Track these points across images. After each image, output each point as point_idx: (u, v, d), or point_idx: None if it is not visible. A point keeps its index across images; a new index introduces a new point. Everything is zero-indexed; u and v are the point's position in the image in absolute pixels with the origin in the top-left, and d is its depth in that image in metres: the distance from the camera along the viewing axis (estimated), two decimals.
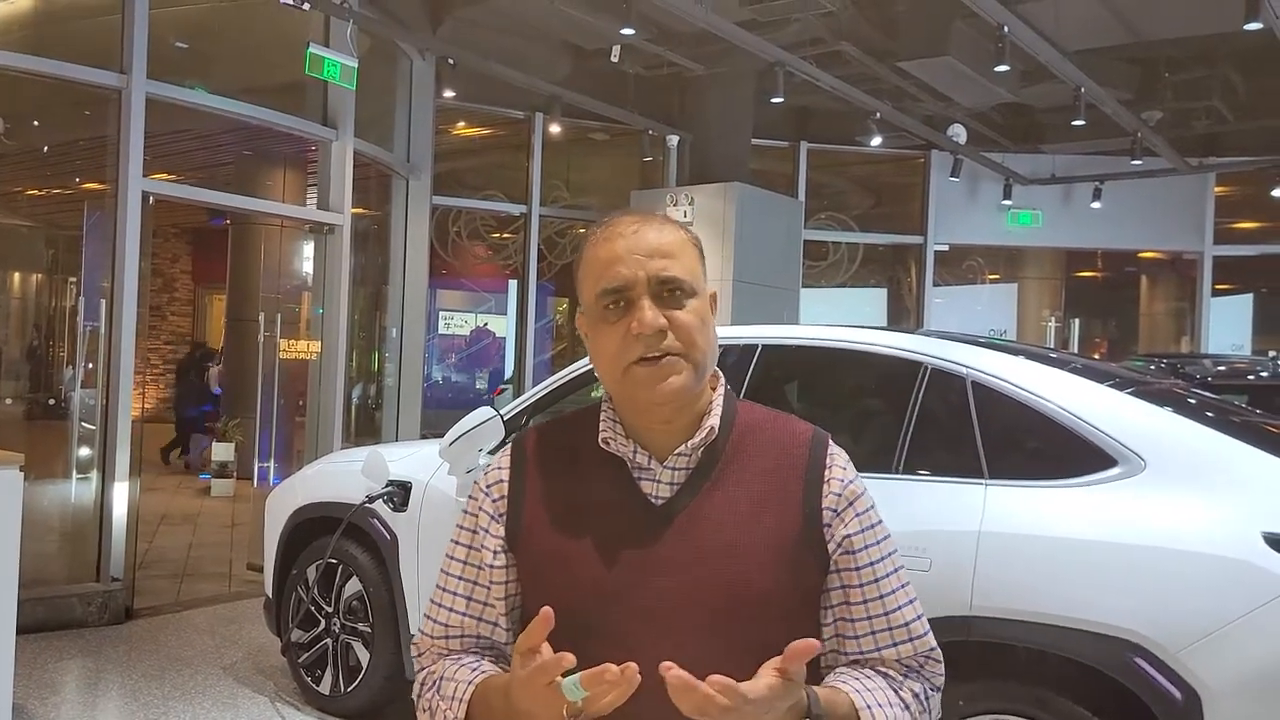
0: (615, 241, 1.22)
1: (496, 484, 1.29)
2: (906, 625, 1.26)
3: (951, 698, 2.74)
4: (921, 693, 1.24)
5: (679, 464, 1.23)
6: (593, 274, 1.22)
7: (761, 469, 1.24)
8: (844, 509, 1.25)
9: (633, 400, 1.22)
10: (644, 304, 1.18)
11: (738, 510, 1.21)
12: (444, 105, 8.46)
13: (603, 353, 1.22)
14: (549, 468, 1.28)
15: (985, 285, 12.30)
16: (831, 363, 3.48)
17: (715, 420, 1.23)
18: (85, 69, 5.54)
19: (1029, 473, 2.82)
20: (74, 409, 6.27)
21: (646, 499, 1.22)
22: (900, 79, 8.29)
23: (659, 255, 1.20)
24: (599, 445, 1.25)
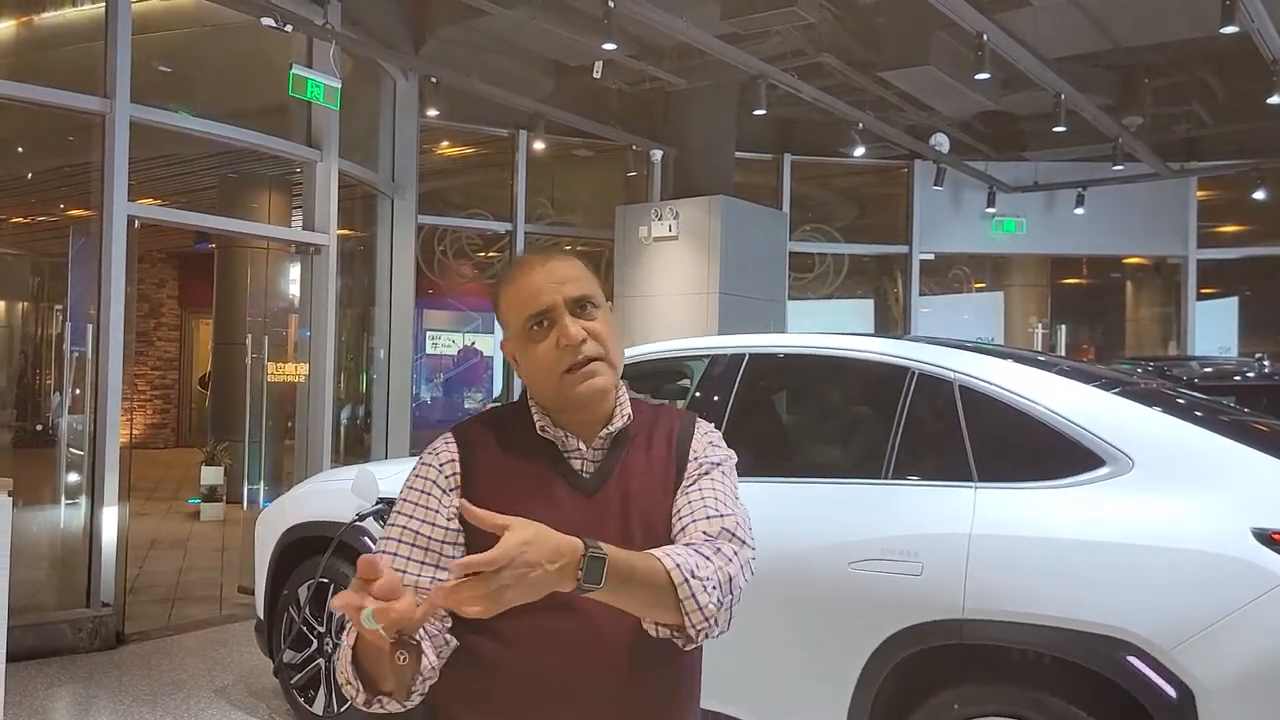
0: (532, 274, 1.50)
1: (449, 462, 1.51)
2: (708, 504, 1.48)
3: (946, 701, 2.75)
4: (726, 549, 1.43)
5: (598, 445, 1.53)
6: (517, 304, 1.50)
7: (653, 444, 1.56)
8: (696, 458, 1.56)
9: (566, 400, 1.49)
10: (566, 320, 1.47)
11: (644, 476, 1.53)
12: (428, 124, 8.48)
13: (537, 367, 1.49)
14: (493, 450, 1.52)
15: (971, 294, 12.36)
16: (819, 370, 3.49)
17: (629, 410, 1.55)
18: (68, 94, 5.54)
19: (1018, 475, 2.82)
20: (62, 435, 6.24)
21: (578, 473, 1.52)
22: (882, 89, 8.35)
23: (569, 280, 1.49)
24: (536, 433, 1.52)
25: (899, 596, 2.80)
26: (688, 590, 1.33)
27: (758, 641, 3.08)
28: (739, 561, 1.44)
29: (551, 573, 1.20)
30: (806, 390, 3.72)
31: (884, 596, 2.83)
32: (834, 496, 3.11)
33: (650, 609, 1.35)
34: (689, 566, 1.35)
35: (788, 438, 3.65)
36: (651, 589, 1.32)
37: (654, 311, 8.35)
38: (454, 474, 1.50)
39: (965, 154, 10.16)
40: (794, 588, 3.00)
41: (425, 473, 1.51)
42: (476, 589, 1.16)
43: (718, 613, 1.36)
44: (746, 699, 3.08)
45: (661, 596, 1.33)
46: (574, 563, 1.23)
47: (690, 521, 1.48)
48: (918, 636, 2.77)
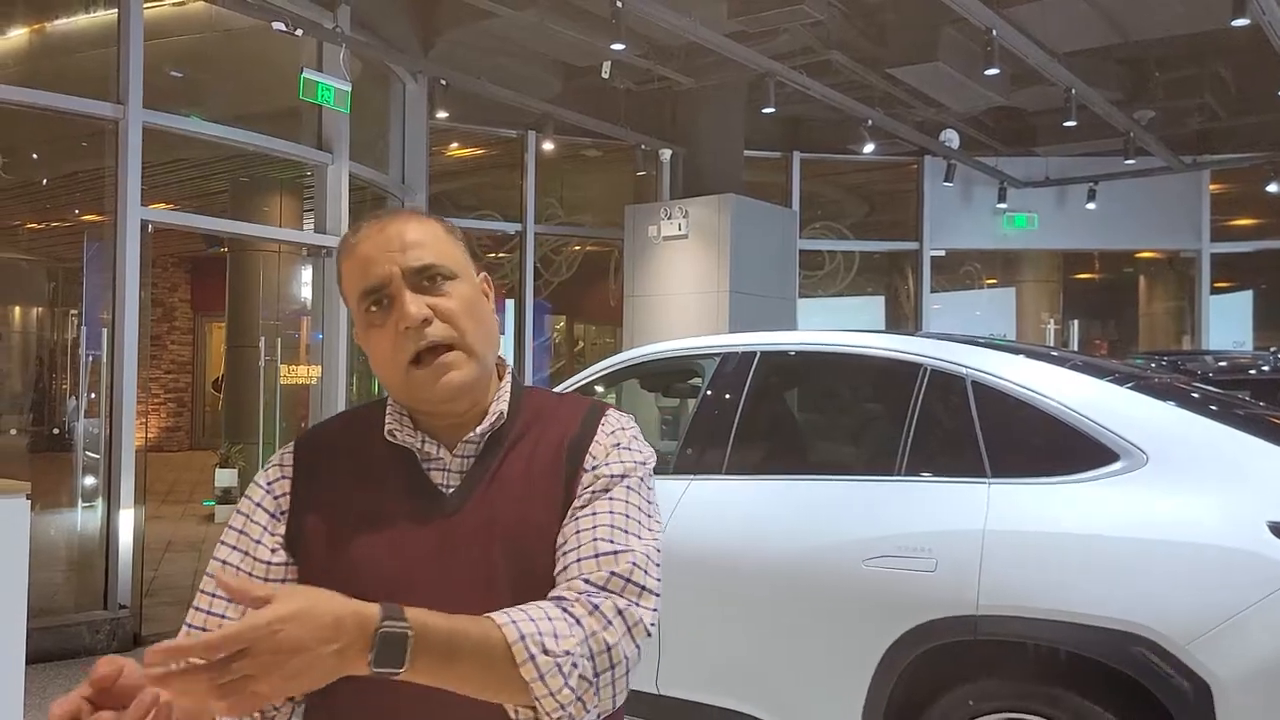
0: (364, 243, 1.20)
1: (278, 480, 1.23)
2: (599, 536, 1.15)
3: (962, 697, 2.75)
4: (608, 606, 1.09)
5: (468, 451, 1.22)
6: (350, 280, 1.21)
7: (538, 448, 1.23)
8: (595, 464, 1.22)
9: (419, 401, 1.20)
10: (405, 297, 1.17)
11: (518, 491, 1.20)
12: (437, 126, 8.50)
13: (380, 360, 1.20)
14: (334, 464, 1.23)
15: (983, 290, 12.32)
16: (831, 367, 3.49)
17: (503, 405, 1.24)
18: (82, 100, 5.58)
19: (1031, 470, 2.82)
20: (78, 439, 6.28)
21: (436, 488, 1.20)
22: (891, 86, 8.34)
23: (411, 247, 1.19)
24: (385, 438, 1.23)
25: (913, 593, 2.80)
26: (534, 671, 1.00)
27: (772, 639, 3.08)
28: (626, 622, 1.09)
29: (327, 656, 0.90)
30: (818, 388, 3.72)
31: (898, 593, 2.83)
32: (847, 494, 3.12)
33: (487, 692, 1.02)
34: (537, 637, 1.02)
35: (800, 435, 3.66)
36: (485, 668, 1.00)
37: (664, 311, 8.36)
38: (283, 494, 1.22)
39: (975, 150, 10.13)
40: (808, 585, 3.01)
41: (252, 493, 1.24)
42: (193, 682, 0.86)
43: (578, 698, 1.03)
44: (762, 696, 3.09)
45: (501, 677, 1.01)
46: (361, 641, 0.92)
47: (575, 560, 1.13)
48: (932, 633, 2.77)
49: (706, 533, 3.26)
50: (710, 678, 3.20)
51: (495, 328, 1.25)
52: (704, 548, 3.24)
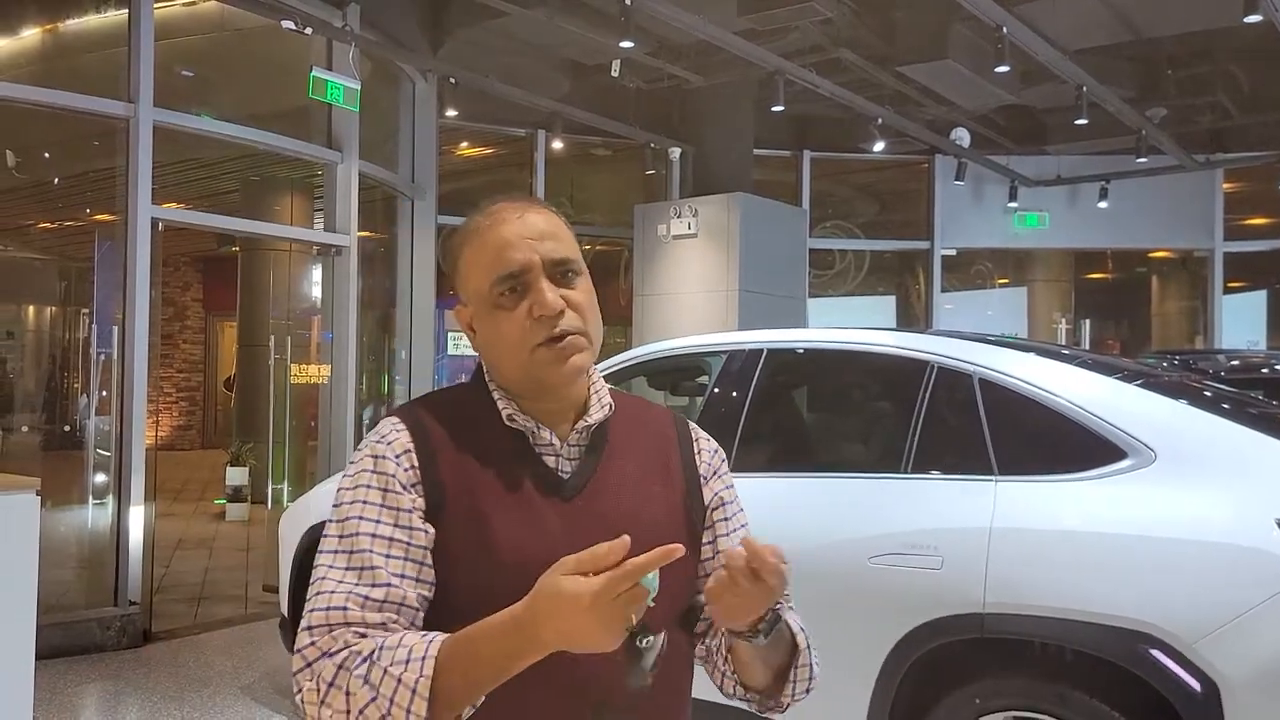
0: (503, 227, 1.23)
1: (405, 453, 1.20)
2: None
3: (968, 695, 2.74)
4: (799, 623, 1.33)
5: (577, 440, 1.27)
6: (483, 262, 1.24)
7: (642, 444, 1.32)
8: (712, 474, 1.37)
9: (538, 382, 1.24)
10: (543, 285, 1.21)
11: (632, 480, 1.28)
12: (447, 125, 8.51)
13: (503, 340, 1.23)
14: (451, 442, 1.23)
15: (994, 289, 12.28)
16: (838, 364, 3.49)
17: (609, 399, 1.30)
18: (93, 99, 5.61)
19: (1038, 468, 2.80)
20: (89, 437, 6.31)
21: (554, 472, 1.25)
22: (901, 84, 8.32)
23: (548, 238, 1.23)
24: (502, 421, 1.25)
25: (919, 591, 2.79)
26: (806, 658, 1.28)
27: None
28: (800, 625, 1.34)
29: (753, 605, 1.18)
30: (825, 385, 3.71)
31: (904, 591, 2.82)
32: (853, 491, 3.11)
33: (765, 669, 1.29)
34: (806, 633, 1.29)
35: (806, 432, 3.65)
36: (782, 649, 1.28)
37: (674, 309, 8.35)
38: (411, 467, 1.20)
39: (986, 148, 10.09)
40: (813, 583, 2.98)
41: (382, 466, 1.19)
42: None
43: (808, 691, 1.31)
44: None
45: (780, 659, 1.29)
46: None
47: None
48: (938, 631, 2.76)
49: None
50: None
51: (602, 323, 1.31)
52: None
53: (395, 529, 1.16)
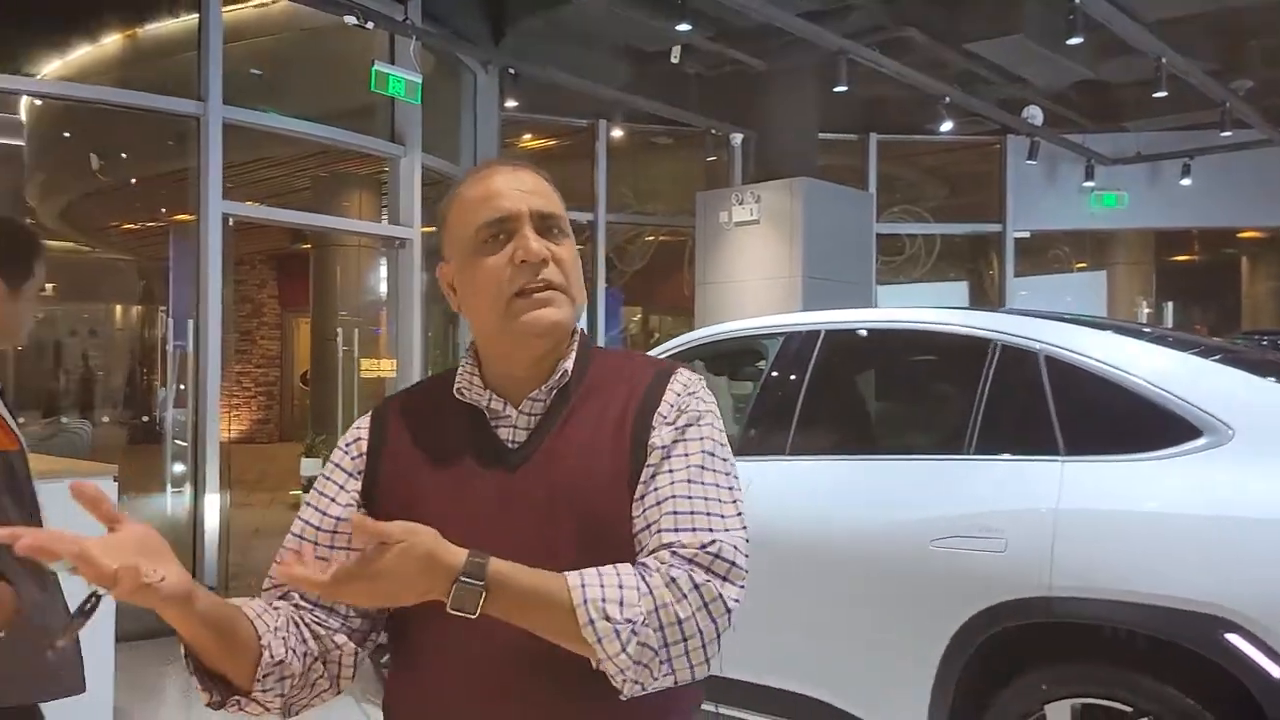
0: (493, 178, 1.24)
1: (355, 441, 1.29)
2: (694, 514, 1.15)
3: (1034, 682, 2.65)
4: (684, 579, 1.09)
5: (534, 409, 1.24)
6: (469, 210, 1.23)
7: (607, 407, 1.24)
8: (662, 422, 1.22)
9: (510, 335, 1.22)
10: (528, 233, 1.21)
11: (581, 447, 1.21)
12: (510, 117, 8.56)
13: (482, 288, 1.21)
14: (408, 424, 1.28)
15: (1072, 274, 11.93)
16: (898, 344, 3.41)
17: (569, 363, 1.25)
18: (165, 99, 5.77)
19: (1107, 447, 2.70)
20: (168, 428, 6.50)
21: (501, 443, 1.23)
22: (969, 62, 8.11)
23: (537, 193, 1.24)
24: (454, 397, 1.26)
25: (982, 574, 2.71)
26: (593, 634, 1.04)
27: (837, 621, 3.02)
28: (703, 597, 1.08)
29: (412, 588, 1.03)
30: (885, 366, 3.63)
31: (967, 574, 2.74)
32: (914, 473, 3.04)
33: (560, 641, 1.08)
34: (600, 603, 1.05)
35: (866, 415, 3.57)
36: (552, 624, 1.07)
37: (736, 297, 8.28)
38: (359, 455, 1.27)
39: (1061, 126, 9.80)
40: (874, 567, 2.94)
41: (334, 455, 1.30)
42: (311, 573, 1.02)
43: (641, 665, 1.06)
44: (827, 680, 3.03)
45: (567, 634, 1.06)
46: (442, 585, 1.03)
47: (655, 532, 1.14)
48: (1002, 615, 2.67)
49: (770, 515, 3.20)
50: (774, 661, 3.15)
51: (584, 288, 1.29)
52: (767, 530, 3.17)
53: (312, 511, 1.26)
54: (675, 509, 1.15)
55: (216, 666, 1.11)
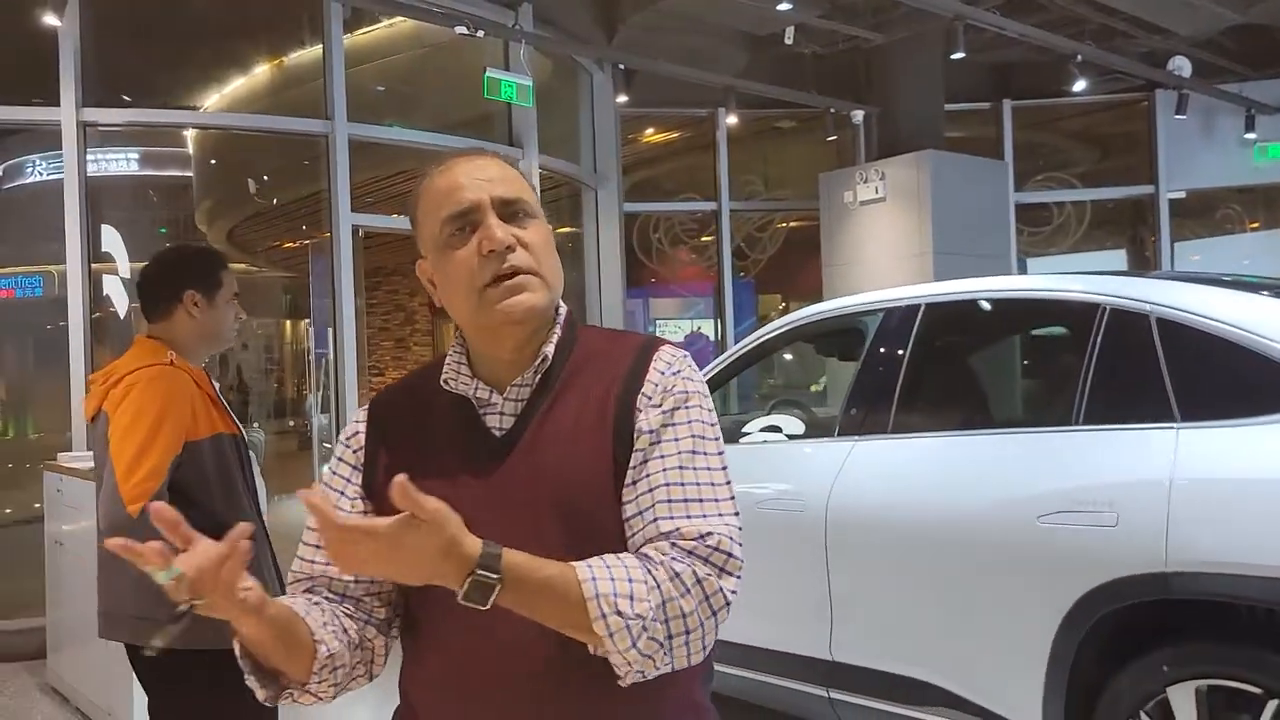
0: (453, 170, 1.24)
1: (354, 436, 1.31)
2: (689, 501, 1.15)
3: (1154, 663, 2.50)
4: (687, 573, 1.10)
5: (519, 395, 1.24)
6: (434, 204, 1.24)
7: (590, 389, 1.23)
8: (648, 404, 1.20)
9: (488, 326, 1.22)
10: (491, 222, 1.20)
11: (563, 429, 1.20)
12: (630, 113, 8.62)
13: (455, 281, 1.22)
14: (402, 417, 1.29)
15: (1245, 234, 11.08)
16: (1000, 315, 3.27)
17: (550, 348, 1.24)
18: (296, 120, 6.11)
19: (1226, 411, 2.52)
20: (315, 432, 6.88)
21: (489, 431, 1.23)
22: (1106, 17, 7.65)
23: (498, 180, 1.24)
24: (441, 387, 1.26)
25: (1093, 550, 2.57)
26: (604, 628, 1.06)
27: (944, 603, 2.93)
28: (705, 591, 1.11)
29: (426, 571, 1.03)
30: (988, 337, 3.49)
31: (1077, 551, 2.61)
32: (1019, 447, 2.91)
33: (568, 631, 1.10)
34: (612, 598, 1.06)
35: (968, 389, 3.43)
36: (564, 616, 1.08)
37: (865, 278, 8.08)
38: (359, 448, 1.29)
39: (1215, 77, 9.11)
40: (980, 546, 2.83)
41: (337, 450, 1.32)
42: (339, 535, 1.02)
43: (646, 656, 1.08)
44: (938, 663, 2.94)
45: (577, 625, 1.08)
46: (457, 575, 1.03)
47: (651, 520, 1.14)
48: (1116, 593, 2.53)
49: (873, 496, 3.13)
50: (883, 644, 3.08)
51: (560, 270, 1.29)
52: (870, 511, 3.12)
53: None
54: (669, 496, 1.15)
55: (275, 665, 1.16)
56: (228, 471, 2.35)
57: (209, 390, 2.40)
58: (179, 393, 2.29)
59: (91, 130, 5.58)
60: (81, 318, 5.41)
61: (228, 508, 2.33)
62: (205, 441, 2.30)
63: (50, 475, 4.51)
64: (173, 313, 2.41)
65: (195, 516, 2.20)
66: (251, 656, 1.16)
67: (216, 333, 2.47)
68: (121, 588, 2.29)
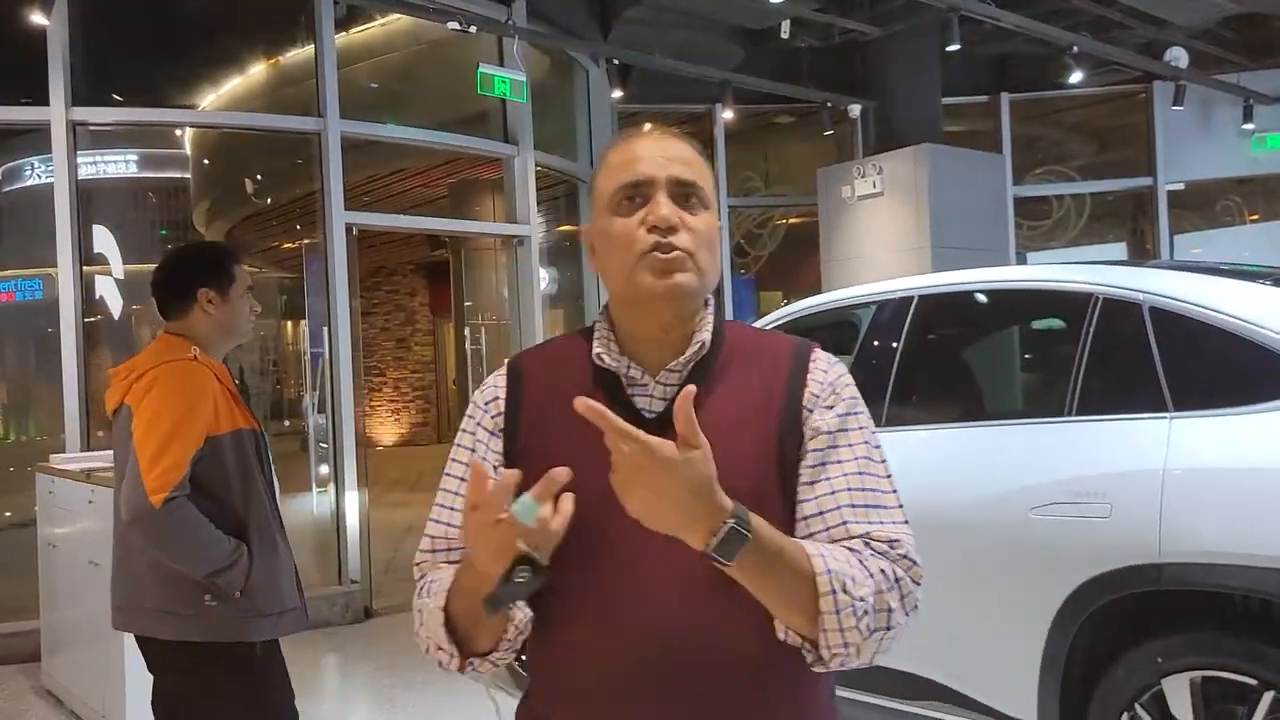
0: (637, 144, 1.25)
1: (493, 400, 1.30)
2: (871, 508, 1.18)
3: (1148, 654, 2.47)
4: (889, 571, 1.13)
5: (671, 379, 1.24)
6: (611, 171, 1.25)
7: (747, 380, 1.24)
8: (819, 405, 1.23)
9: (635, 299, 1.22)
10: (661, 199, 1.21)
11: (724, 418, 1.19)
12: (625, 110, 8.59)
13: (613, 247, 1.22)
14: (544, 383, 1.28)
15: (1245, 226, 11.03)
16: (993, 306, 3.24)
17: (706, 335, 1.24)
18: (287, 118, 6.08)
19: (1219, 400, 2.49)
20: (311, 432, 6.86)
21: (640, 412, 1.22)
22: (1103, 8, 7.62)
23: (679, 161, 1.23)
24: (593, 360, 1.25)
25: (1087, 542, 2.55)
26: (831, 604, 1.08)
27: (937, 597, 2.89)
28: (901, 591, 1.13)
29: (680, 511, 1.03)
30: (981, 328, 3.47)
31: (1070, 543, 2.59)
32: (1011, 438, 2.88)
33: (783, 609, 1.10)
34: (841, 576, 1.09)
35: (961, 380, 3.41)
36: (791, 589, 1.08)
37: (864, 272, 8.05)
38: (498, 414, 1.28)
39: (1213, 67, 9.07)
40: (972, 538, 2.81)
41: (472, 412, 1.31)
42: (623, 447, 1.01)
43: (862, 643, 1.10)
44: (932, 657, 2.91)
45: (800, 601, 1.09)
46: (710, 522, 1.03)
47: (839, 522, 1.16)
48: (1110, 584, 2.51)
49: None
50: None
51: (718, 267, 1.28)
52: None
53: (463, 481, 1.22)
54: (852, 501, 1.17)
55: (468, 635, 1.19)
56: (247, 466, 2.37)
57: (230, 386, 2.43)
58: (201, 387, 2.32)
59: (88, 131, 5.57)
60: (74, 320, 5.39)
61: (246, 503, 2.36)
62: (226, 436, 2.33)
63: (43, 477, 4.49)
64: (189, 311, 2.44)
65: (214, 510, 2.31)
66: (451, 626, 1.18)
67: (234, 327, 2.50)
68: (139, 581, 2.33)
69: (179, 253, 2.60)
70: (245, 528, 2.34)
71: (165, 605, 2.29)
